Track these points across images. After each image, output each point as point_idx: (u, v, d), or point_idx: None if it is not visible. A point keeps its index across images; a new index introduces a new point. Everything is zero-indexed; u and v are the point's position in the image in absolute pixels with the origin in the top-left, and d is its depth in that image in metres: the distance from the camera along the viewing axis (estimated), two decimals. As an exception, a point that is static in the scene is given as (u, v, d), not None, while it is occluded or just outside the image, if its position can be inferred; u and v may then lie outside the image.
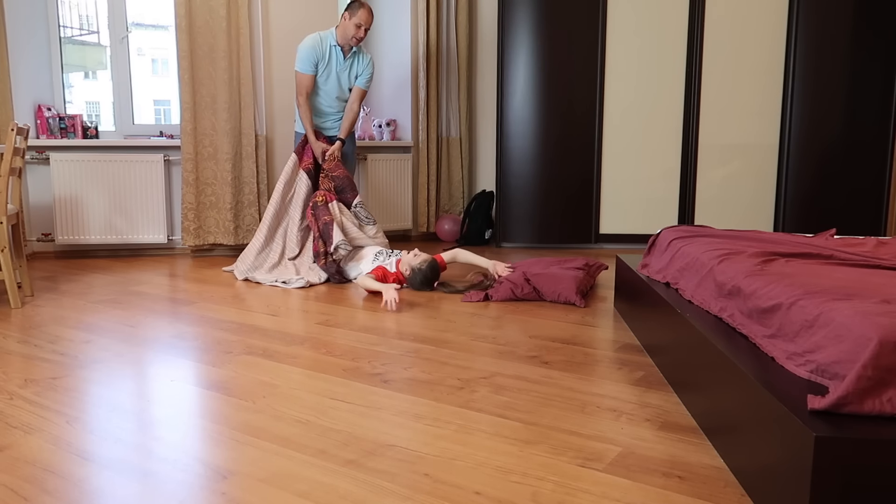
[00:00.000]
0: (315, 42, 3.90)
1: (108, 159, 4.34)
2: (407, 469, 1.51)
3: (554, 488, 1.42)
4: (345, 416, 1.80)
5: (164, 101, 6.74)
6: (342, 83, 4.01)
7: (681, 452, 1.59)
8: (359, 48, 3.97)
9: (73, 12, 4.69)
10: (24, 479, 1.46)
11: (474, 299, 3.20)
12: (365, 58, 4.01)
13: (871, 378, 1.18)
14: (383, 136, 5.25)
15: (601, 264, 3.53)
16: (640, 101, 4.76)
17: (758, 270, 1.82)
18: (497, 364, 2.26)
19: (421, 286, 3.41)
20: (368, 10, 3.83)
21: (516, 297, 3.21)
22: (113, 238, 4.41)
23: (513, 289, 3.22)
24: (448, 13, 5.27)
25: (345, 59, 3.96)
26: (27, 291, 3.27)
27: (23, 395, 1.96)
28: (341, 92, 4.04)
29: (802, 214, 4.72)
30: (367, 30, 3.86)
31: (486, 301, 3.21)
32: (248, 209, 4.51)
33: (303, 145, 4.06)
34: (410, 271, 3.41)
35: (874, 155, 4.62)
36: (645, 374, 2.17)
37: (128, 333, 2.63)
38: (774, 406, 1.27)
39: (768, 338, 1.57)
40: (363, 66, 4.01)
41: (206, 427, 1.74)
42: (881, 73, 4.53)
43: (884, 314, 1.29)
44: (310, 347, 2.45)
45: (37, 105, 4.37)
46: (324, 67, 3.95)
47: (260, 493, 1.40)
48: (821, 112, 4.61)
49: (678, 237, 2.53)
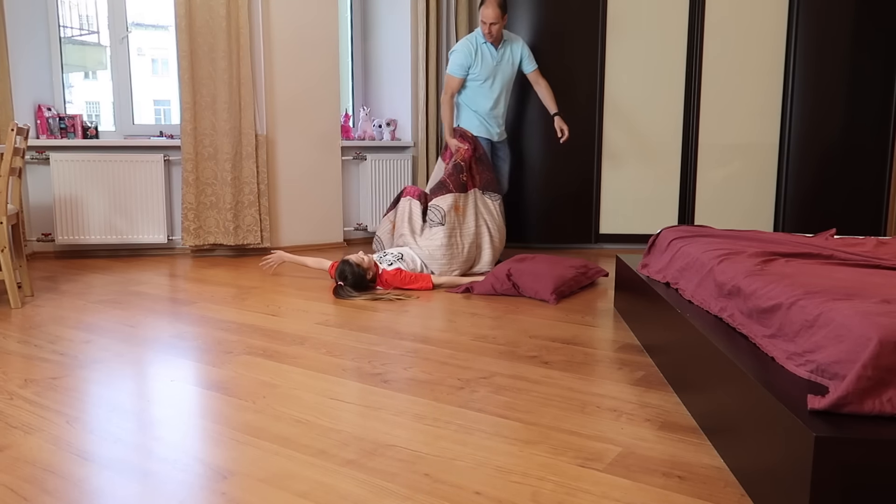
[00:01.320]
0: (465, 46, 4.03)
1: (108, 159, 4.34)
2: (407, 469, 1.51)
3: (554, 488, 1.42)
4: (345, 416, 1.80)
5: (164, 101, 6.73)
6: (504, 74, 4.13)
7: (681, 452, 1.59)
8: (508, 36, 4.10)
9: (73, 12, 4.68)
10: (24, 479, 1.46)
11: (456, 292, 3.37)
12: (516, 43, 4.14)
13: (871, 378, 1.18)
14: (383, 136, 5.25)
15: (600, 270, 3.54)
16: (640, 101, 4.76)
17: (758, 270, 1.82)
18: (497, 364, 2.26)
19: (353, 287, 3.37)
20: (491, 5, 3.88)
21: (496, 292, 3.32)
22: (113, 238, 4.41)
23: (493, 283, 3.32)
24: (448, 13, 5.27)
25: (497, 50, 4.06)
26: (27, 291, 3.27)
27: (23, 395, 1.96)
28: (507, 82, 4.16)
29: (802, 214, 4.72)
30: (495, 24, 3.92)
31: (466, 293, 3.36)
32: (249, 209, 4.51)
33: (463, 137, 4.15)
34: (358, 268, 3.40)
35: (874, 155, 4.62)
36: (645, 374, 2.17)
37: (128, 333, 2.63)
38: (774, 406, 1.27)
39: (768, 338, 1.57)
40: (517, 50, 4.13)
41: (206, 427, 1.73)
42: (882, 73, 4.53)
43: (884, 314, 1.29)
44: (310, 347, 2.45)
45: (37, 105, 4.37)
46: (480, 66, 4.05)
47: (260, 493, 1.40)
48: (821, 112, 4.61)
49: (678, 237, 2.53)
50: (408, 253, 3.69)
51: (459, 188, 3.90)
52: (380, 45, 5.39)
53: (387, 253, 3.67)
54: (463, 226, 3.84)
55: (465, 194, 3.92)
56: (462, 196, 3.90)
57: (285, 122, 4.68)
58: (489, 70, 4.07)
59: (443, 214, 3.81)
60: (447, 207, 3.81)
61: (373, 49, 5.44)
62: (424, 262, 3.68)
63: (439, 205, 3.84)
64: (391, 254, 3.65)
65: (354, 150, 5.10)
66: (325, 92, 4.82)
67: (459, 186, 3.91)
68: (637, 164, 4.82)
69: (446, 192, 3.87)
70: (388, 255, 3.64)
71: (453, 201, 3.84)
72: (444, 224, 3.76)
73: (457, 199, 3.86)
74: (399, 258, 3.62)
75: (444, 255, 3.69)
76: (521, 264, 3.38)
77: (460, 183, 3.92)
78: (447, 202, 3.83)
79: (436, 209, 3.84)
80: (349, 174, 5.14)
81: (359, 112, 5.36)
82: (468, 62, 4.03)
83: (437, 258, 3.68)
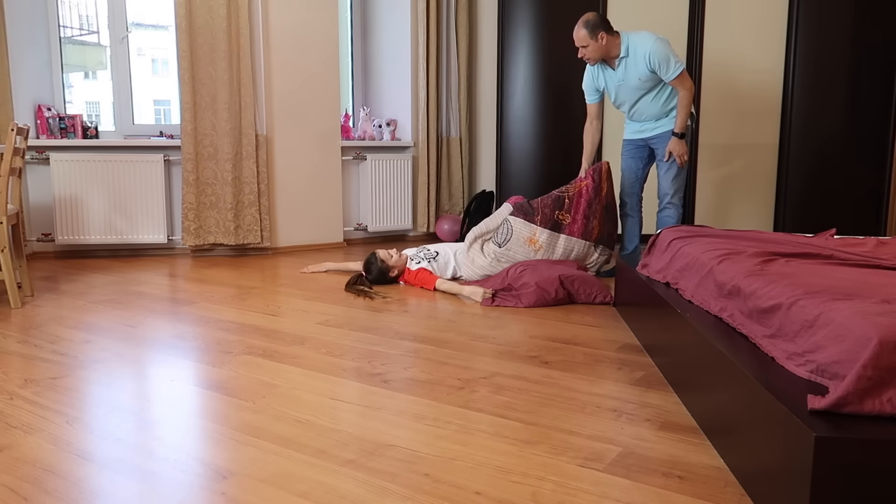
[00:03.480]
0: (588, 72, 3.73)
1: (108, 159, 4.33)
2: (407, 469, 1.51)
3: (554, 488, 1.42)
4: (345, 416, 1.80)
5: (164, 101, 6.73)
6: (630, 89, 3.62)
7: (681, 452, 1.59)
8: (626, 51, 3.53)
9: (73, 12, 4.68)
10: (24, 479, 1.46)
11: (494, 305, 3.12)
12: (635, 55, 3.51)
13: (871, 378, 1.18)
14: (383, 136, 5.25)
15: (606, 295, 3.18)
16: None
17: (758, 270, 1.82)
18: (497, 364, 2.26)
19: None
20: (577, 26, 3.51)
21: (548, 303, 3.12)
22: (113, 238, 4.41)
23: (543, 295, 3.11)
24: (448, 13, 5.27)
25: (615, 71, 3.62)
26: (27, 291, 3.27)
27: (23, 395, 1.96)
28: (636, 95, 3.63)
29: (802, 214, 4.72)
30: (585, 47, 3.52)
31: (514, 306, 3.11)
32: (249, 209, 4.50)
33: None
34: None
35: (874, 155, 4.62)
36: (645, 374, 2.17)
37: (128, 333, 2.63)
38: (774, 406, 1.27)
39: (768, 338, 1.57)
40: (638, 62, 3.52)
41: (206, 427, 1.73)
42: (881, 73, 4.53)
43: (884, 314, 1.29)
44: (310, 347, 2.44)
45: (37, 105, 4.37)
46: (604, 87, 3.71)
47: (260, 493, 1.40)
48: (821, 112, 4.61)
49: (678, 237, 2.53)
50: (444, 251, 3.63)
51: (546, 224, 3.48)
52: (380, 45, 5.39)
53: (423, 249, 3.64)
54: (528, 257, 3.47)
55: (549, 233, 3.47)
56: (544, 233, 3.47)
57: (285, 122, 4.68)
58: (612, 88, 3.68)
59: (509, 237, 3.47)
60: (520, 236, 3.48)
61: (373, 49, 5.44)
62: (458, 264, 3.59)
63: (513, 225, 3.50)
64: (426, 251, 3.63)
65: (354, 150, 5.10)
66: (325, 92, 4.82)
67: (548, 223, 3.48)
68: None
69: (530, 220, 3.49)
70: (421, 252, 3.63)
71: (530, 234, 3.47)
72: (502, 247, 3.48)
73: (534, 234, 3.48)
74: (433, 257, 3.59)
75: (481, 266, 3.53)
76: (551, 270, 3.21)
77: (551, 220, 3.49)
78: (523, 229, 3.48)
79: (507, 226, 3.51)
80: (349, 174, 5.14)
81: (359, 112, 5.36)
82: (590, 85, 3.73)
83: (472, 267, 3.55)
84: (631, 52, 3.51)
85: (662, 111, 3.66)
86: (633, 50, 3.51)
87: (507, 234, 3.50)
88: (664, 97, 3.63)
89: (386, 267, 3.51)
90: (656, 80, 3.55)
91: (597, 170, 3.58)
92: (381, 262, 3.51)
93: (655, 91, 3.61)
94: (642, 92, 3.62)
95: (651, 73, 3.51)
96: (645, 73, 3.52)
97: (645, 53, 3.47)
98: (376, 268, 3.51)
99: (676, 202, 3.71)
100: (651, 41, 3.46)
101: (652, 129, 3.71)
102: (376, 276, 3.52)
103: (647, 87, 3.60)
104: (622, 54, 3.53)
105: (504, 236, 3.51)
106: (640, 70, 3.53)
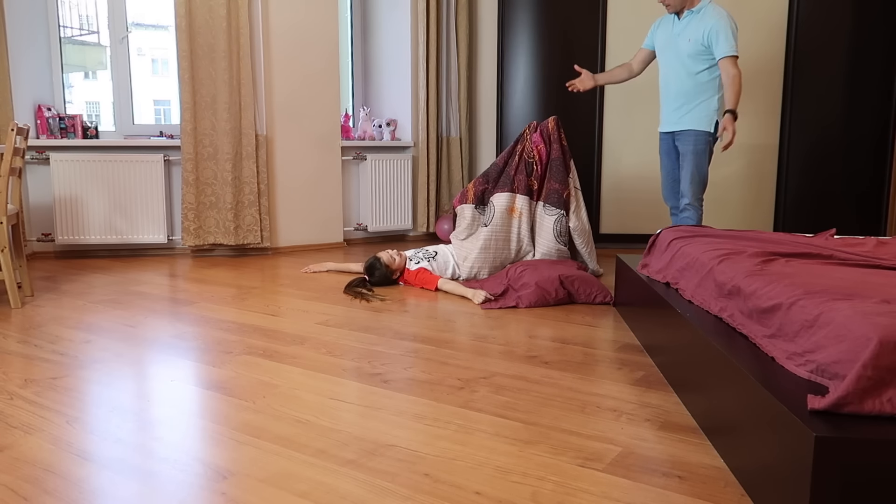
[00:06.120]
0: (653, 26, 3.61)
1: (108, 159, 4.33)
2: (407, 469, 1.51)
3: (554, 488, 1.42)
4: (345, 416, 1.80)
5: (164, 101, 6.74)
6: (676, 51, 3.47)
7: (681, 452, 1.59)
8: (699, 10, 3.34)
9: (73, 12, 4.68)
10: (24, 479, 1.46)
11: (492, 307, 3.09)
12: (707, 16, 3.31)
13: (871, 378, 1.18)
14: (383, 136, 5.25)
15: (606, 295, 3.19)
16: (640, 101, 4.75)
17: (758, 270, 1.82)
18: (497, 364, 2.26)
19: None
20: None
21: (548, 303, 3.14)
22: (113, 238, 4.41)
23: (544, 294, 3.13)
24: (448, 13, 5.27)
25: (679, 21, 3.42)
26: (27, 291, 3.27)
27: (23, 395, 1.96)
28: (678, 62, 3.48)
29: (802, 214, 4.72)
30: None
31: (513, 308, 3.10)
32: (249, 209, 4.50)
33: None
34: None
35: (874, 155, 4.62)
36: (645, 374, 2.17)
37: (128, 333, 2.63)
38: (774, 406, 1.27)
39: (768, 338, 1.57)
40: (701, 25, 3.32)
41: (206, 427, 1.73)
42: (881, 73, 4.53)
43: (884, 314, 1.29)
44: (310, 347, 2.44)
45: (37, 105, 4.37)
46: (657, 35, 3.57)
47: (260, 493, 1.40)
48: (821, 112, 4.61)
49: (678, 237, 2.53)
50: (442, 251, 3.64)
51: (523, 191, 3.62)
52: (380, 45, 5.39)
53: (421, 250, 3.64)
54: (510, 231, 3.59)
55: (525, 198, 3.61)
56: (522, 199, 3.61)
57: (285, 122, 4.67)
58: (662, 43, 3.53)
59: (493, 214, 3.60)
60: (500, 207, 3.60)
61: (373, 49, 5.44)
62: (457, 263, 3.61)
63: (494, 202, 3.62)
64: (425, 251, 3.63)
65: (354, 150, 5.10)
66: (325, 92, 4.82)
67: (525, 190, 3.62)
68: (637, 164, 4.82)
69: (507, 191, 3.62)
70: (420, 252, 3.63)
71: (510, 203, 3.60)
72: (489, 225, 3.58)
73: (513, 202, 3.61)
74: (432, 256, 3.59)
75: (476, 257, 3.56)
76: (551, 270, 3.23)
77: (526, 186, 3.63)
78: (502, 202, 3.60)
79: (490, 206, 3.63)
80: (349, 174, 5.14)
81: (359, 112, 5.36)
82: (649, 37, 3.61)
83: (469, 260, 3.58)
84: (703, 13, 3.38)
85: (690, 97, 3.50)
86: (705, 12, 3.37)
87: (492, 213, 3.62)
88: (699, 83, 3.47)
89: (389, 272, 3.52)
90: (702, 59, 3.41)
91: (544, 130, 3.70)
92: (385, 267, 3.50)
93: (695, 71, 3.46)
94: (683, 58, 3.46)
95: (703, 47, 3.37)
96: (697, 40, 3.37)
97: (712, 23, 3.33)
98: (380, 272, 3.51)
99: (696, 204, 3.60)
100: (724, 17, 3.34)
101: (675, 123, 3.59)
102: (379, 279, 3.52)
103: (690, 57, 3.44)
104: (696, 9, 3.40)
105: (489, 216, 3.62)
106: (696, 33, 3.38)
